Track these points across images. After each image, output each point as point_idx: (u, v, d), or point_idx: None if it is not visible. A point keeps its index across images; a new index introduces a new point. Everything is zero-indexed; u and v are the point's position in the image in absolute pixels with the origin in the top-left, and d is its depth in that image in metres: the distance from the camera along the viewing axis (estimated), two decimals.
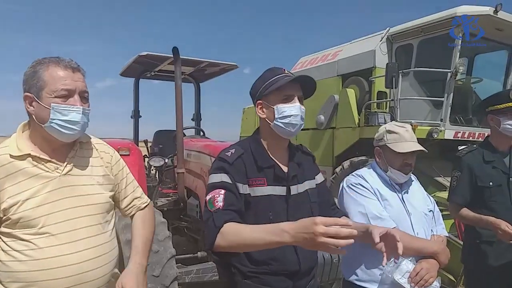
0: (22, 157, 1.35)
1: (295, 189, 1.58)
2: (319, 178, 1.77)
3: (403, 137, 1.96)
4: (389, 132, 2.00)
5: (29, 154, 1.36)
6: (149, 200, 1.78)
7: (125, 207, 1.65)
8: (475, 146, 2.61)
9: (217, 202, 1.42)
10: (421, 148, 1.96)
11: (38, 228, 1.32)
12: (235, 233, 1.34)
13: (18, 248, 1.32)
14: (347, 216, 1.84)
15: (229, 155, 1.53)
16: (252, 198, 1.50)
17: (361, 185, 1.97)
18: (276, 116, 1.54)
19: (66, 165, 1.42)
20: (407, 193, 2.03)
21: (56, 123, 1.36)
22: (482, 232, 2.43)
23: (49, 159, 1.39)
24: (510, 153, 2.51)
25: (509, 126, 2.39)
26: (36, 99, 1.36)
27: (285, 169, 1.59)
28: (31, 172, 1.35)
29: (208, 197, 1.46)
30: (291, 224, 1.22)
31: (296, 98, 1.56)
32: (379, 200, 1.94)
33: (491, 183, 2.41)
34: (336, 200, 1.95)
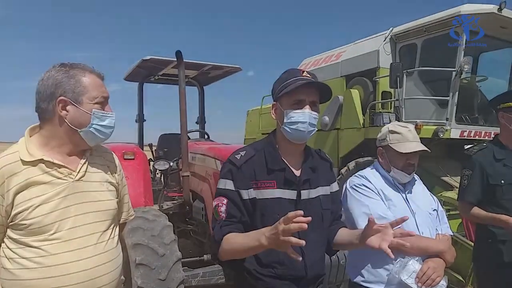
0: (34, 163, 1.34)
1: (306, 194, 1.57)
2: (335, 186, 1.73)
3: (406, 137, 1.95)
4: (392, 132, 1.99)
5: (42, 159, 1.35)
6: (134, 214, 1.84)
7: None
8: (485, 144, 2.60)
9: (221, 212, 1.48)
10: (424, 148, 1.95)
11: (49, 234, 1.32)
12: (230, 244, 1.44)
13: (27, 255, 1.31)
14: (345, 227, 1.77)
15: (239, 158, 1.55)
16: (259, 200, 1.50)
17: (364, 185, 1.96)
18: (284, 120, 1.53)
19: (79, 171, 1.43)
20: (411, 193, 2.02)
21: (94, 128, 1.42)
22: (495, 231, 2.41)
23: (62, 164, 1.39)
24: None
25: None
26: (74, 103, 1.38)
27: (297, 173, 1.57)
28: (44, 178, 1.34)
29: (214, 204, 1.52)
30: (268, 227, 1.28)
31: (307, 104, 1.52)
32: (383, 200, 1.93)
33: (502, 181, 2.40)
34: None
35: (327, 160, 1.76)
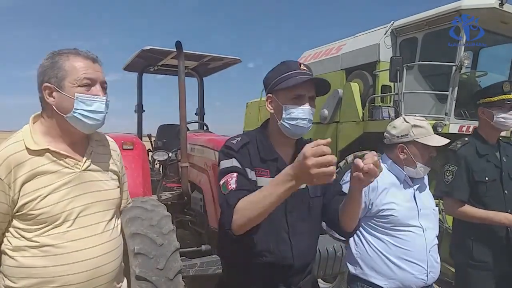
0: (40, 152, 1.33)
1: None
2: None
3: (429, 131, 1.96)
4: (415, 126, 1.97)
5: (48, 149, 1.34)
6: (132, 202, 1.85)
7: None
8: (466, 139, 2.51)
9: (230, 185, 1.40)
10: (448, 140, 1.98)
11: (57, 223, 1.32)
12: (248, 202, 1.31)
13: (34, 244, 1.31)
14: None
15: (235, 143, 1.53)
16: (257, 188, 1.46)
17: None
18: (283, 115, 1.50)
19: (85, 161, 1.43)
20: (419, 189, 2.02)
21: (80, 113, 1.35)
22: (478, 228, 2.33)
23: (68, 154, 1.38)
24: (499, 146, 2.46)
25: (502, 120, 2.34)
26: (58, 89, 1.35)
27: (288, 163, 1.57)
28: (51, 168, 1.33)
29: (221, 182, 1.44)
30: (290, 166, 1.21)
31: (306, 99, 1.50)
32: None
33: (486, 177, 2.33)
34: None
35: None
